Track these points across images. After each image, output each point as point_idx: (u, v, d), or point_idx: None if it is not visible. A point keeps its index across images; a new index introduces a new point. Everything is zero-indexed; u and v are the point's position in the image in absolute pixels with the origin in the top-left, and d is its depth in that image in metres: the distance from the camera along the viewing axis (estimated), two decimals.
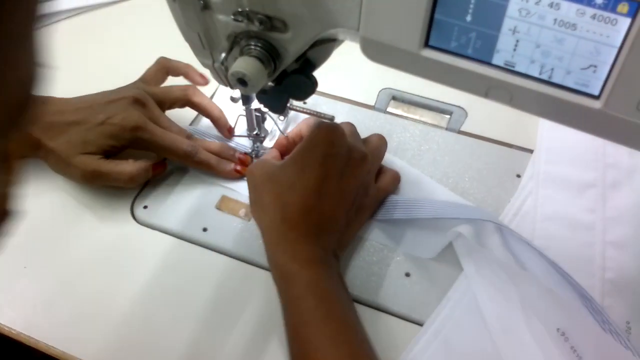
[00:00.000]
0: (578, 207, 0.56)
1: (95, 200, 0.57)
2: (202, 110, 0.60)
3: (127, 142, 0.55)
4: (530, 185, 0.58)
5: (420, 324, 0.49)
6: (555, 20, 0.33)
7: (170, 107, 0.60)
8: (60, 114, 0.55)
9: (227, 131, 0.61)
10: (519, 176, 0.60)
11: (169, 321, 0.49)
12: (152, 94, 0.58)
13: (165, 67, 0.62)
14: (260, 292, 0.51)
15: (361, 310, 0.50)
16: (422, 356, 0.47)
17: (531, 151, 0.62)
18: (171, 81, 0.63)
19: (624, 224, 0.54)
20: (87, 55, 0.74)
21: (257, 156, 0.60)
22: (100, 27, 0.78)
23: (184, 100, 0.60)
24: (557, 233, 0.54)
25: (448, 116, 0.66)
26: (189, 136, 0.59)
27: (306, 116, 0.62)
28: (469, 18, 0.35)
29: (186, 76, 0.62)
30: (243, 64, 0.43)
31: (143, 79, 0.60)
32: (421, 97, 0.67)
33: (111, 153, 0.56)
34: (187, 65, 0.62)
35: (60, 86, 0.69)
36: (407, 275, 0.52)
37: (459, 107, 0.66)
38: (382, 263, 0.53)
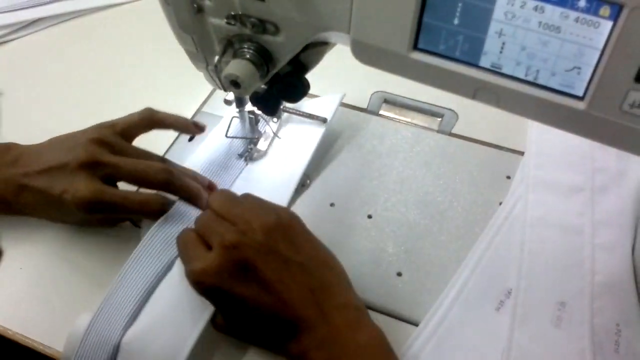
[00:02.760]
0: (567, 210, 0.56)
1: None
2: (168, 124, 0.56)
3: (97, 215, 0.52)
4: (520, 189, 0.59)
5: (413, 323, 0.50)
6: (540, 23, 0.34)
7: (133, 136, 0.55)
8: (25, 175, 0.51)
9: (196, 127, 0.57)
10: (509, 178, 0.61)
11: None
12: (112, 126, 0.53)
13: (149, 120, 0.55)
14: None
15: None
16: (417, 358, 0.47)
17: (521, 153, 0.63)
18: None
19: (613, 227, 0.55)
20: (80, 60, 0.74)
21: (250, 158, 0.61)
22: (93, 32, 0.79)
23: (145, 122, 0.55)
24: (547, 236, 0.55)
25: (439, 119, 0.67)
26: (164, 160, 0.55)
27: (299, 118, 0.63)
28: (456, 21, 0.36)
29: (176, 127, 0.57)
30: (236, 67, 0.43)
31: (119, 126, 0.53)
32: (413, 100, 0.68)
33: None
34: (177, 117, 0.56)
35: (54, 91, 0.70)
36: (399, 274, 0.53)
37: (450, 109, 0.67)
38: (374, 263, 0.54)
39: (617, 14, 0.32)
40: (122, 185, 0.52)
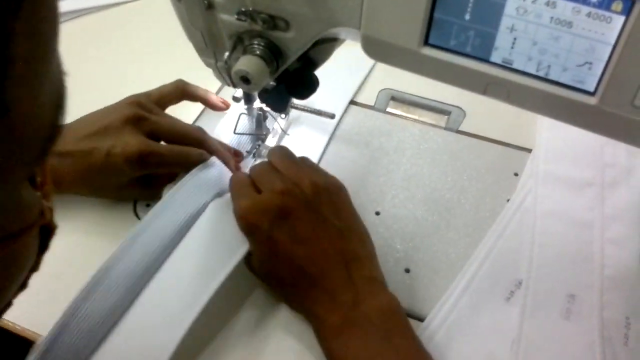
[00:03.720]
0: (577, 205, 0.57)
1: (98, 198, 0.58)
2: (198, 96, 0.60)
3: (140, 169, 0.52)
4: (530, 183, 0.59)
5: (421, 319, 0.50)
6: (552, 18, 0.34)
7: (166, 105, 0.58)
8: (66, 144, 0.52)
9: (223, 104, 0.62)
10: (516, 175, 0.61)
11: None
12: (147, 95, 0.56)
13: (182, 90, 0.59)
14: (260, 286, 0.51)
15: None
16: (426, 347, 0.48)
17: (528, 150, 0.63)
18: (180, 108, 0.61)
19: (622, 222, 0.55)
20: (86, 57, 0.74)
21: (258, 155, 0.61)
22: (101, 29, 0.79)
23: (178, 92, 0.58)
24: (556, 230, 0.55)
25: (447, 116, 0.67)
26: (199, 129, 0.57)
27: (307, 115, 0.63)
28: (467, 17, 0.36)
29: (205, 102, 0.61)
30: (246, 63, 0.44)
31: (154, 96, 0.57)
32: (420, 97, 0.68)
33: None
34: (206, 91, 0.61)
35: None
36: (407, 271, 0.53)
37: (457, 107, 0.67)
38: (382, 259, 0.53)
39: (630, 9, 0.32)
40: None
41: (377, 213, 0.57)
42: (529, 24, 0.35)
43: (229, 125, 0.63)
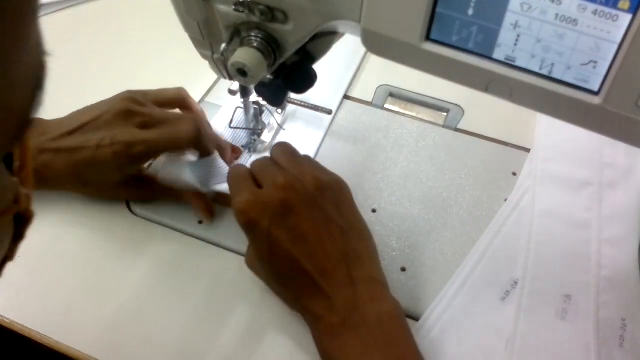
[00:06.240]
0: (575, 204, 0.56)
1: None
2: (193, 111, 0.58)
3: (130, 163, 0.51)
4: (528, 182, 0.58)
5: (416, 319, 0.49)
6: (557, 15, 0.33)
7: (161, 107, 0.56)
8: (55, 140, 0.51)
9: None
10: (514, 174, 0.60)
11: (164, 313, 0.49)
12: (144, 93, 0.55)
13: (182, 99, 0.57)
14: (256, 285, 0.51)
15: None
16: (419, 346, 0.47)
17: (527, 150, 0.62)
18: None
19: (620, 223, 0.55)
20: (82, 48, 0.73)
21: (254, 150, 0.60)
22: (96, 19, 0.78)
23: (178, 98, 0.57)
24: (554, 229, 0.54)
25: (445, 114, 0.66)
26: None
27: (303, 109, 0.63)
28: (470, 12, 0.35)
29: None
30: (243, 55, 0.43)
31: (151, 95, 0.55)
32: (418, 94, 0.68)
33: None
34: (201, 111, 0.59)
35: (55, 77, 0.69)
36: (403, 270, 0.52)
37: (456, 105, 0.67)
38: None
39: (637, 7, 0.31)
40: None
41: (374, 210, 0.57)
42: (534, 20, 0.34)
43: (224, 119, 0.62)
